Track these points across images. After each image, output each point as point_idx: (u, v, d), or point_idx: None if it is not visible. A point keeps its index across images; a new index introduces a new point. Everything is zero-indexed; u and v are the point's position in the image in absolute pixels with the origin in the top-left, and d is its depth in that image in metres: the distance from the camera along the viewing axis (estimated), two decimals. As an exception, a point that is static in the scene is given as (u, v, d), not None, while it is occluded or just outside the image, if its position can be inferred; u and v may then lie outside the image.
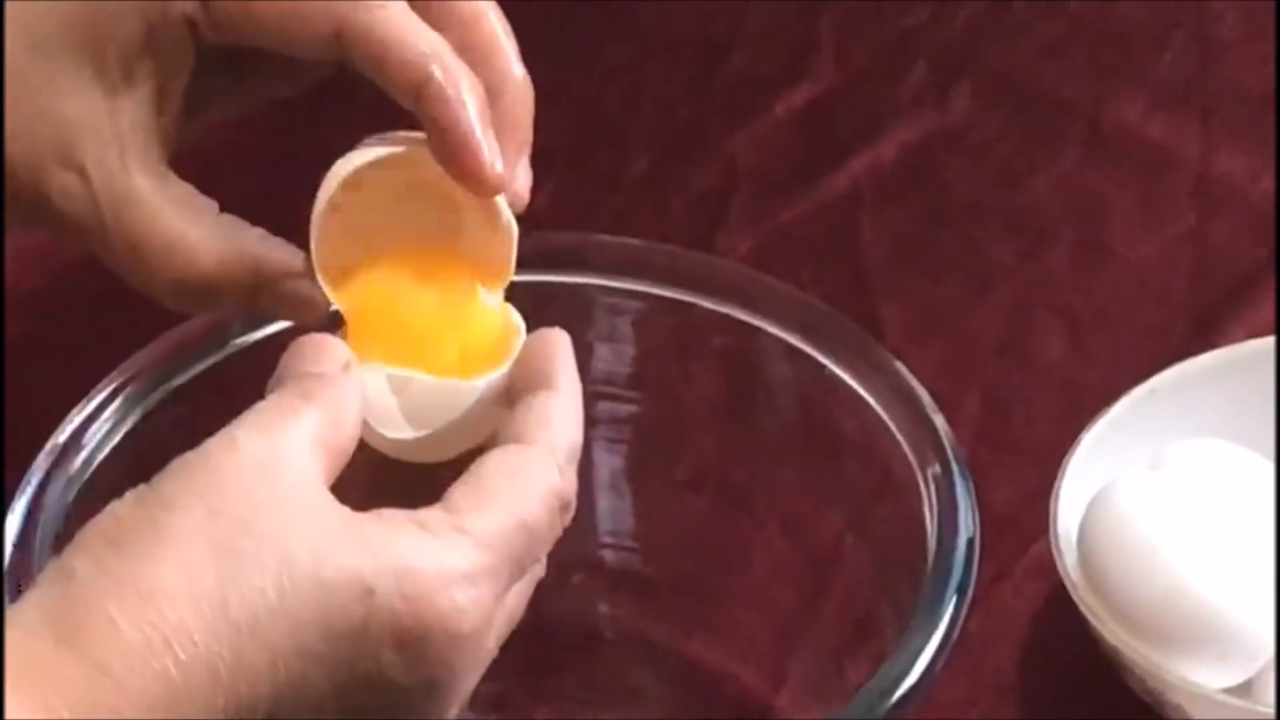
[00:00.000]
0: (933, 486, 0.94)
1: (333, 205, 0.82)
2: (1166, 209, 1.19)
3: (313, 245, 0.82)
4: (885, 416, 0.96)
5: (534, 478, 0.77)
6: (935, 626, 0.89)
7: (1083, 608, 0.99)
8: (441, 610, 0.73)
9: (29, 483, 0.95)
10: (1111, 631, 0.98)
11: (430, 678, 0.74)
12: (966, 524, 0.92)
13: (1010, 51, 1.26)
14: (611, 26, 1.28)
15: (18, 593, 0.88)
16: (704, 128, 1.24)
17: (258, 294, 0.83)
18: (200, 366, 0.99)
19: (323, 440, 0.75)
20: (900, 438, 0.95)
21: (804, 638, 1.00)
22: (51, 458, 0.96)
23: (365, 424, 0.80)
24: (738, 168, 1.22)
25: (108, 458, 0.96)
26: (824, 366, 0.98)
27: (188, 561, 0.71)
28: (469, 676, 0.76)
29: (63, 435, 0.96)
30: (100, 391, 0.97)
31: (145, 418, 0.97)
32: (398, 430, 0.81)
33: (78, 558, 0.71)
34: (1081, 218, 1.19)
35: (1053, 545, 1.00)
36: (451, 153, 0.81)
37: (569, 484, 0.78)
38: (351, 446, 0.77)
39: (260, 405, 0.76)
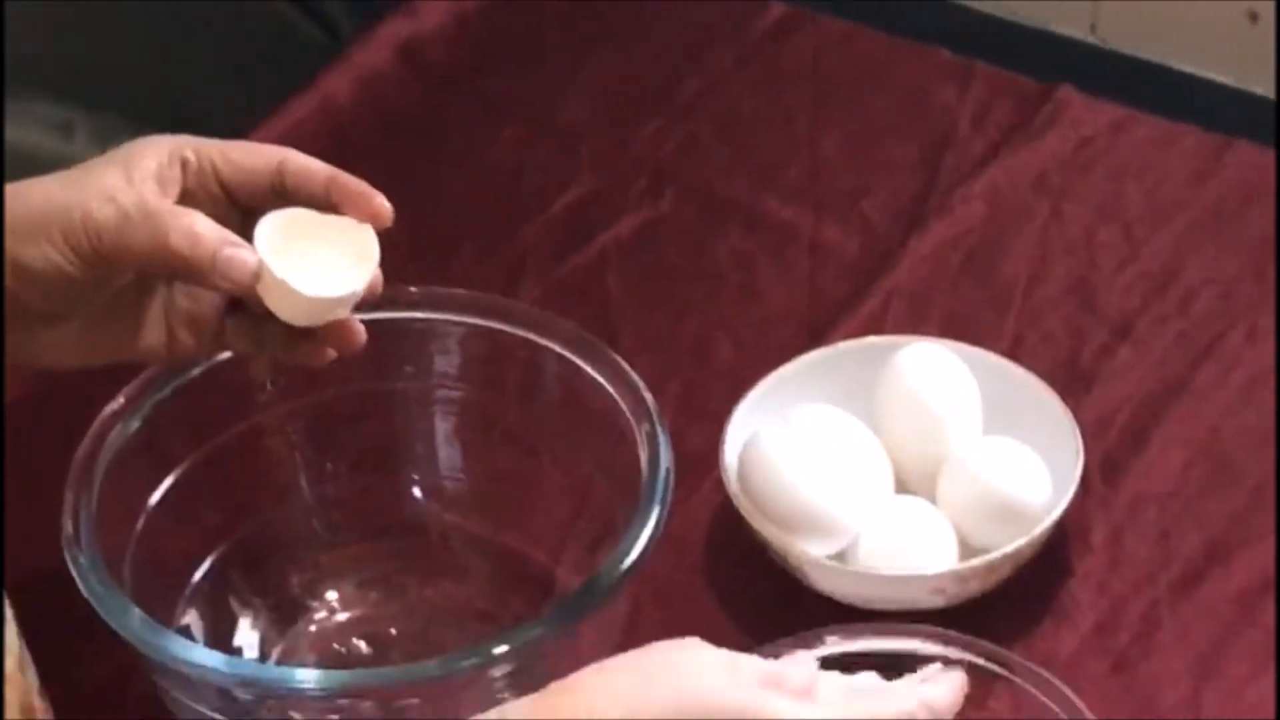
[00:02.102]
0: (645, 439, 0.95)
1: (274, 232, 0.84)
2: (794, 264, 1.18)
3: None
4: (618, 398, 0.97)
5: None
6: (647, 525, 0.91)
7: (742, 510, 1.01)
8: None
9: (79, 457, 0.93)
10: (760, 524, 1.00)
11: None
12: (665, 461, 0.93)
13: (699, 168, 1.24)
14: (451, 163, 1.26)
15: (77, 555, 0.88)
16: (509, 220, 1.21)
17: (218, 257, 0.82)
18: (189, 376, 0.97)
19: None
20: (626, 411, 0.96)
21: (572, 534, 1.00)
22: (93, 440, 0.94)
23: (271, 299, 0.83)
24: (530, 244, 1.20)
25: (131, 438, 0.95)
26: (581, 368, 0.98)
27: None
28: None
29: (99, 422, 0.94)
30: (119, 399, 0.95)
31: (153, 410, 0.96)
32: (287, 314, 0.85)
33: None
34: (742, 271, 1.18)
35: (723, 472, 1.02)
36: (359, 202, 0.85)
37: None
38: None
39: None
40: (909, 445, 1.04)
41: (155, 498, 0.96)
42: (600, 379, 0.98)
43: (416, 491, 1.03)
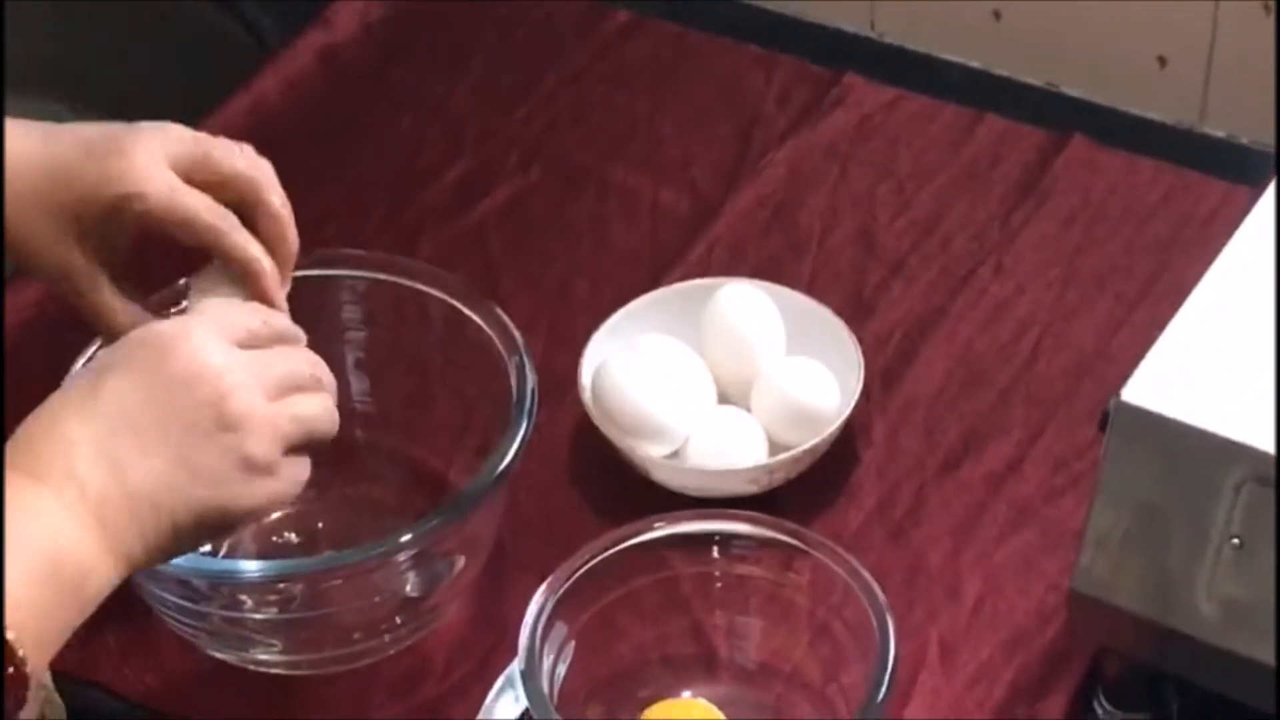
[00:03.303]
0: (515, 368, 0.95)
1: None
2: (637, 221, 1.17)
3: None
4: (494, 337, 0.96)
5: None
6: (518, 435, 0.92)
7: (596, 421, 1.01)
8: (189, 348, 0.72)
9: None
10: (610, 431, 1.00)
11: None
12: (530, 384, 0.94)
13: (560, 145, 1.22)
14: (362, 146, 1.23)
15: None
16: (408, 190, 1.20)
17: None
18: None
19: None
20: (500, 346, 0.96)
21: (460, 444, 1.00)
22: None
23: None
24: (426, 209, 1.18)
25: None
26: (464, 312, 0.98)
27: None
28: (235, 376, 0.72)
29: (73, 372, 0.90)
30: (89, 351, 0.92)
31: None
32: None
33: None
34: (596, 228, 1.17)
35: (581, 391, 1.02)
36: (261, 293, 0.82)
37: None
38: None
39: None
40: (728, 365, 1.05)
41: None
42: (479, 321, 0.98)
43: (334, 413, 1.02)
